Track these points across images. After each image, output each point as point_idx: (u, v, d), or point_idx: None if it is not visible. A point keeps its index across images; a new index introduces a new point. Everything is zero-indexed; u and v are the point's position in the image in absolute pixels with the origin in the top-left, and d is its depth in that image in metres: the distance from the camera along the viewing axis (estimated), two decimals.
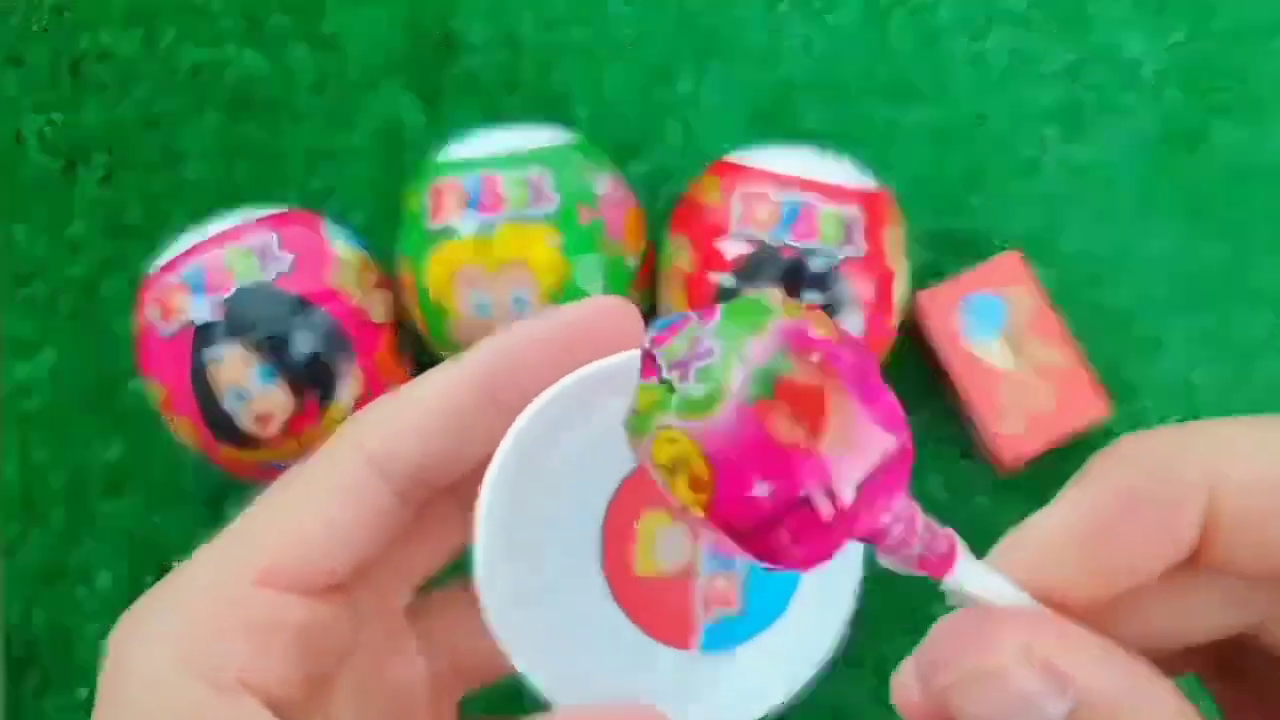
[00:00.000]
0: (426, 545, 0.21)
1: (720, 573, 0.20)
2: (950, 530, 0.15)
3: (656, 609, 0.19)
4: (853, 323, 0.34)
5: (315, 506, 0.17)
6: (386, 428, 0.18)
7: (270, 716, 0.16)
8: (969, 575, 0.15)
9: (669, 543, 0.20)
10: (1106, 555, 0.13)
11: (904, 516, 0.15)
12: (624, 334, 0.18)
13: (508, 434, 0.18)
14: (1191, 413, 0.40)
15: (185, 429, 0.35)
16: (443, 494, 0.19)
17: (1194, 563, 0.13)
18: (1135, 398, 0.40)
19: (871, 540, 0.15)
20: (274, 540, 0.17)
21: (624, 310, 0.19)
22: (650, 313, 0.38)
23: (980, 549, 0.15)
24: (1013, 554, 0.14)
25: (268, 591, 0.16)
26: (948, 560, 0.15)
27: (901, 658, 0.40)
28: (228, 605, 0.16)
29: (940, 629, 0.15)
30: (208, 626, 0.16)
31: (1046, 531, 0.14)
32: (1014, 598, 0.14)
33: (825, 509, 0.14)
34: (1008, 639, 0.14)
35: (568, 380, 0.18)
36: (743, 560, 0.17)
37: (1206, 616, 0.15)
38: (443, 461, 0.18)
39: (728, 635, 0.20)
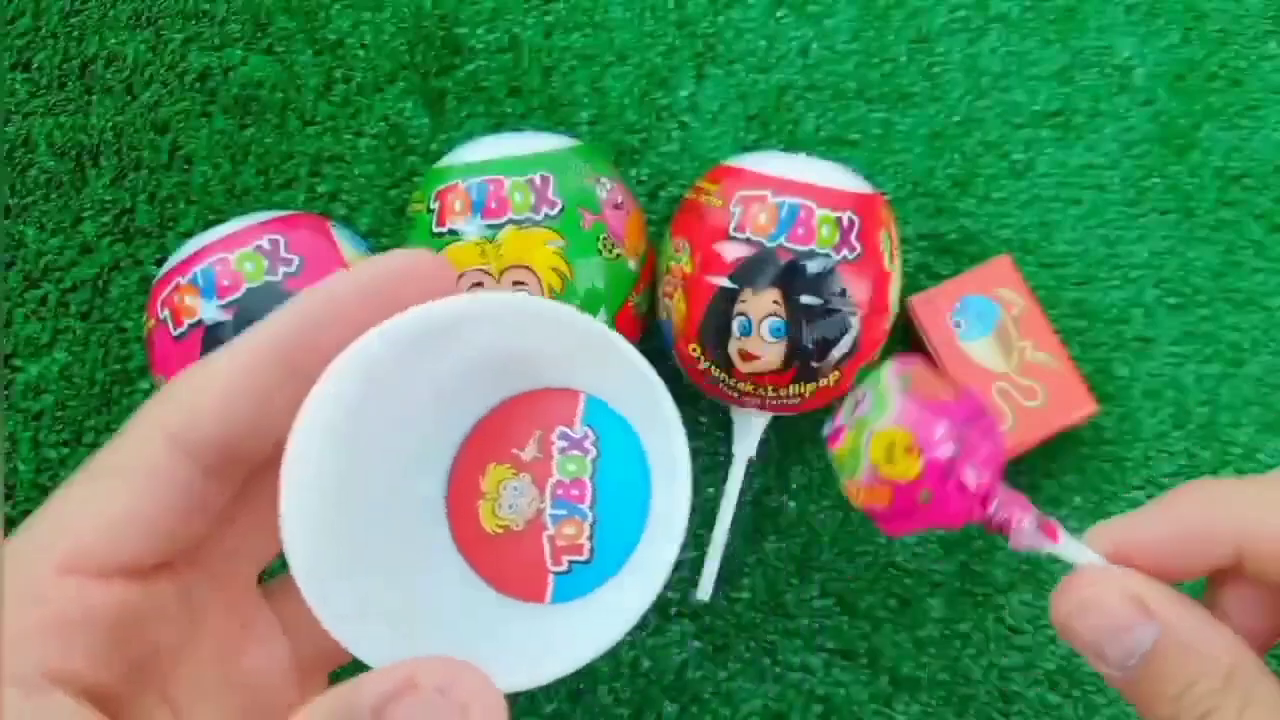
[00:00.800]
0: (262, 525, 0.19)
1: (568, 518, 0.19)
2: (1052, 518, 0.21)
3: (507, 564, 0.19)
4: (848, 323, 0.35)
5: (116, 488, 0.16)
6: (184, 402, 0.17)
7: (85, 710, 0.15)
8: (1068, 546, 0.20)
9: (515, 497, 0.19)
10: (1162, 561, 0.19)
11: (1011, 500, 0.21)
12: (426, 286, 0.17)
13: (306, 401, 0.16)
14: (1181, 412, 0.41)
15: None
16: (270, 469, 0.18)
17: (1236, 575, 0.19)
18: (1125, 397, 0.41)
19: (992, 522, 0.21)
20: (76, 526, 0.16)
21: (420, 262, 0.18)
22: (650, 313, 0.39)
23: (975, 544, 0.19)
24: (1103, 534, 0.20)
25: (70, 580, 0.16)
26: (1053, 533, 0.20)
27: (893, 652, 0.41)
28: (29, 601, 0.15)
29: (1066, 578, 0.20)
30: (9, 627, 0.15)
31: (1129, 528, 0.20)
32: (1099, 562, 0.20)
33: (971, 481, 0.21)
34: (1110, 581, 0.19)
35: (369, 338, 0.17)
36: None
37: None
38: (248, 434, 0.17)
39: (579, 585, 0.19)
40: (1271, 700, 0.17)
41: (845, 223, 0.34)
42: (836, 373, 0.36)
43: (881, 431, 0.21)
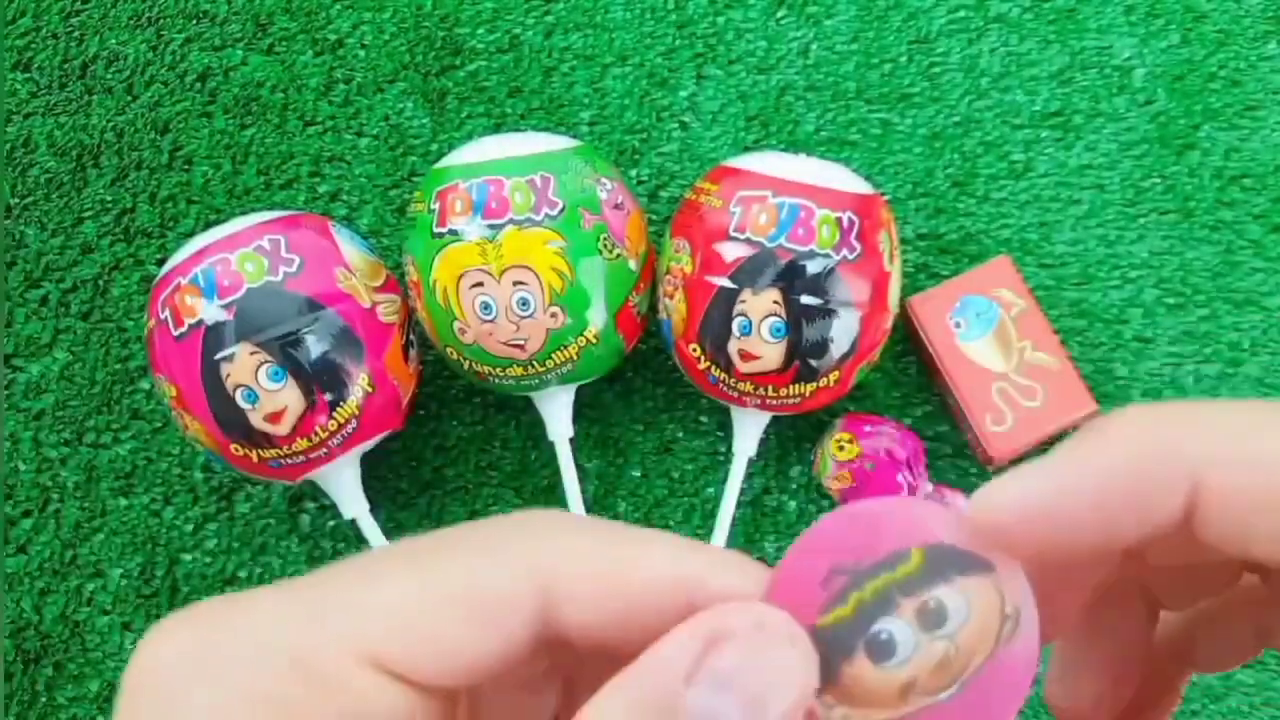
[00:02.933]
0: (538, 698, 0.18)
1: None
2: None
3: None
4: (848, 323, 0.35)
5: (458, 612, 0.14)
6: (566, 565, 0.15)
7: None
8: None
9: None
10: (1082, 528, 0.14)
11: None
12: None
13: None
14: None
15: (196, 428, 0.35)
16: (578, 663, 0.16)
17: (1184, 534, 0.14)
18: (1125, 397, 0.41)
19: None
20: (397, 621, 0.14)
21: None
22: (650, 313, 0.39)
23: None
24: (1003, 496, 0.14)
25: (370, 676, 0.14)
26: None
27: None
28: (314, 684, 0.14)
29: None
30: (298, 700, 0.14)
31: (1032, 492, 0.14)
32: None
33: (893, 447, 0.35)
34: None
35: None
36: None
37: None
38: (611, 634, 0.15)
39: None
40: None
41: (845, 223, 0.34)
42: (836, 373, 0.36)
43: (835, 438, 0.38)
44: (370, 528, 0.38)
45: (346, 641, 0.14)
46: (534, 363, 0.36)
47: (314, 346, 0.34)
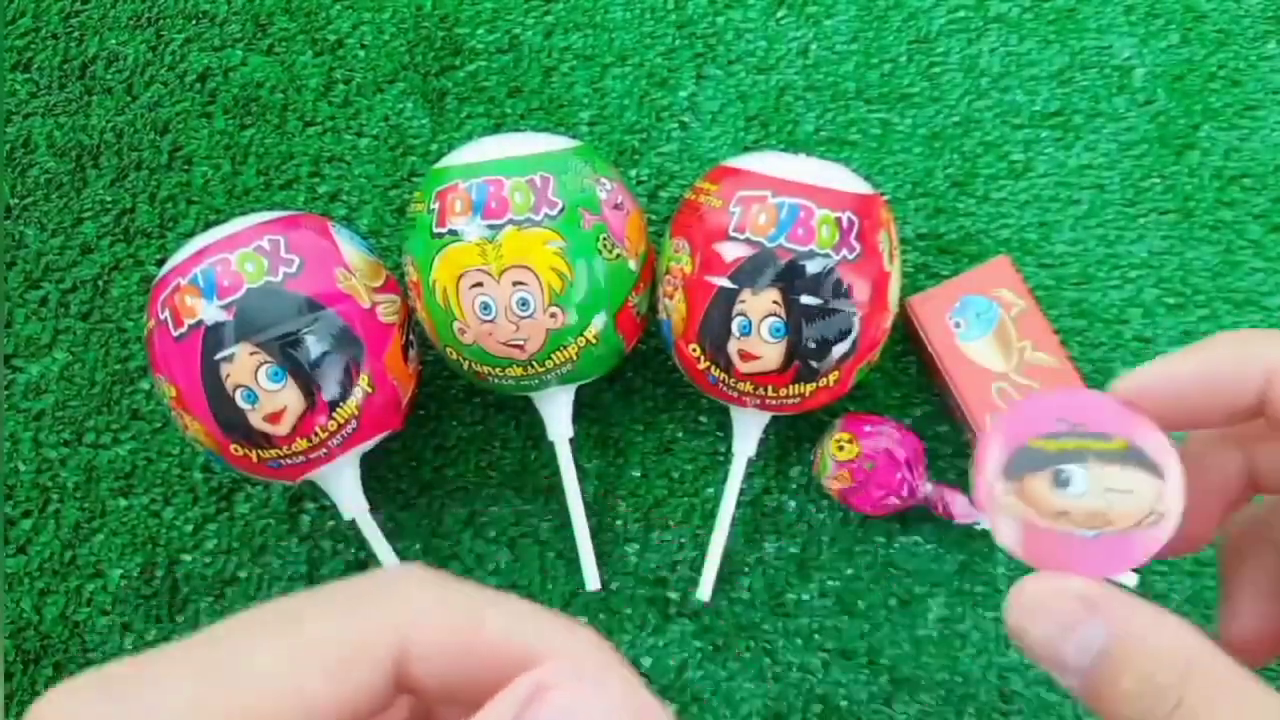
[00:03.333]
0: None
1: None
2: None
3: None
4: (848, 323, 0.35)
5: (319, 663, 0.15)
6: (433, 620, 0.16)
7: None
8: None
9: None
10: (1186, 400, 0.20)
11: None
12: None
13: None
14: None
15: (196, 428, 0.35)
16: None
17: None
18: None
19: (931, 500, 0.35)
20: (264, 686, 0.15)
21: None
22: (650, 313, 0.39)
23: (974, 544, 0.18)
24: (1133, 379, 0.20)
25: None
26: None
27: (893, 652, 0.41)
28: None
29: (1013, 587, 0.19)
30: None
31: (1159, 374, 0.20)
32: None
33: (893, 446, 0.37)
34: (1055, 583, 0.19)
35: None
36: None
37: None
38: (460, 684, 0.16)
39: None
40: (1237, 684, 0.17)
41: (845, 223, 0.34)
42: (836, 373, 0.36)
43: (835, 437, 0.39)
44: (370, 528, 0.38)
45: (229, 709, 0.15)
46: (534, 363, 0.36)
47: (314, 347, 0.34)
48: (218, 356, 0.34)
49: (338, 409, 0.35)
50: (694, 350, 0.36)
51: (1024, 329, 0.39)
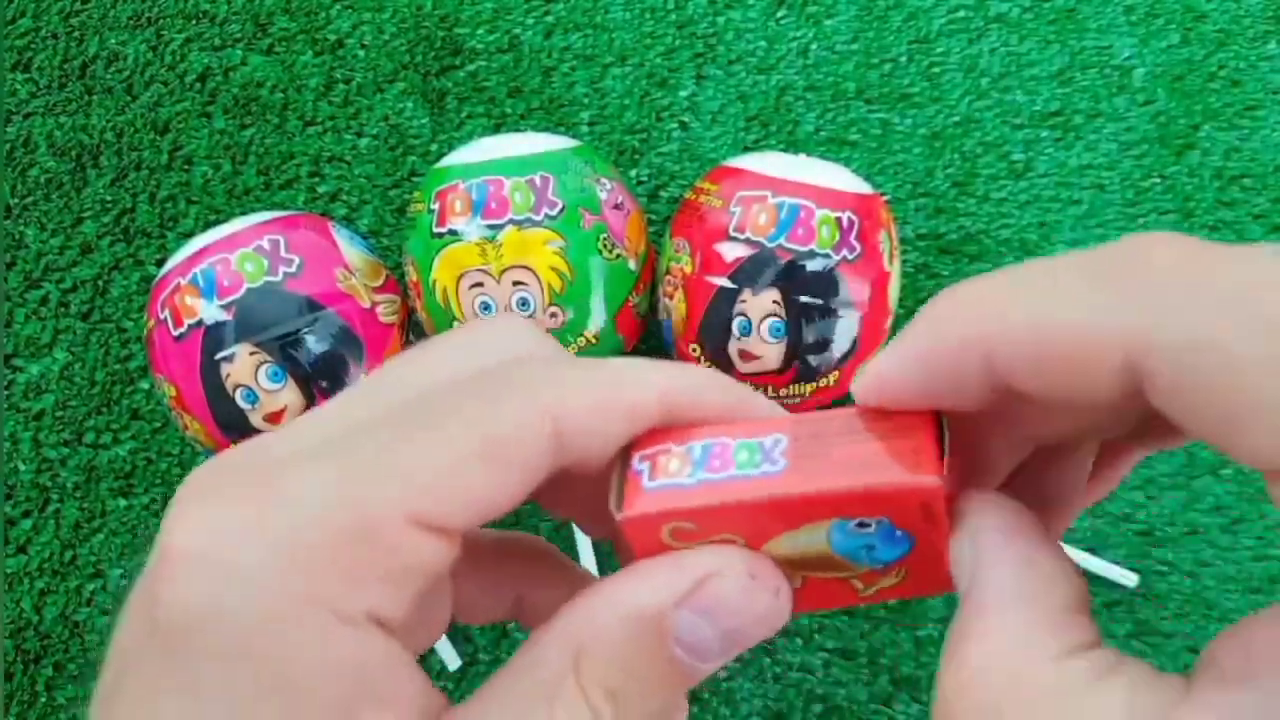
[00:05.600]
0: None
1: None
2: None
3: None
4: (848, 323, 0.35)
5: (481, 465, 0.15)
6: (585, 400, 0.16)
7: (398, 652, 0.15)
8: None
9: None
10: (925, 386, 0.16)
11: None
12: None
13: None
14: None
15: (196, 428, 0.35)
16: None
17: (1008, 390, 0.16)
18: None
19: None
20: (435, 484, 0.15)
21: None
22: (650, 313, 0.39)
23: None
24: (869, 378, 0.17)
25: (416, 534, 0.15)
26: None
27: (893, 651, 0.41)
28: (371, 545, 0.15)
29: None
30: (347, 566, 0.15)
31: (888, 365, 0.16)
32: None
33: None
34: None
35: None
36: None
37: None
38: (601, 452, 0.17)
39: None
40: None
41: (845, 223, 0.34)
42: (836, 373, 0.36)
43: None
44: None
45: (392, 505, 0.15)
46: None
47: (314, 347, 0.34)
48: (218, 356, 0.34)
49: None
50: (694, 350, 0.36)
51: None
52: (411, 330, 0.38)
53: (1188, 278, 0.13)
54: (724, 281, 0.35)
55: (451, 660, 0.40)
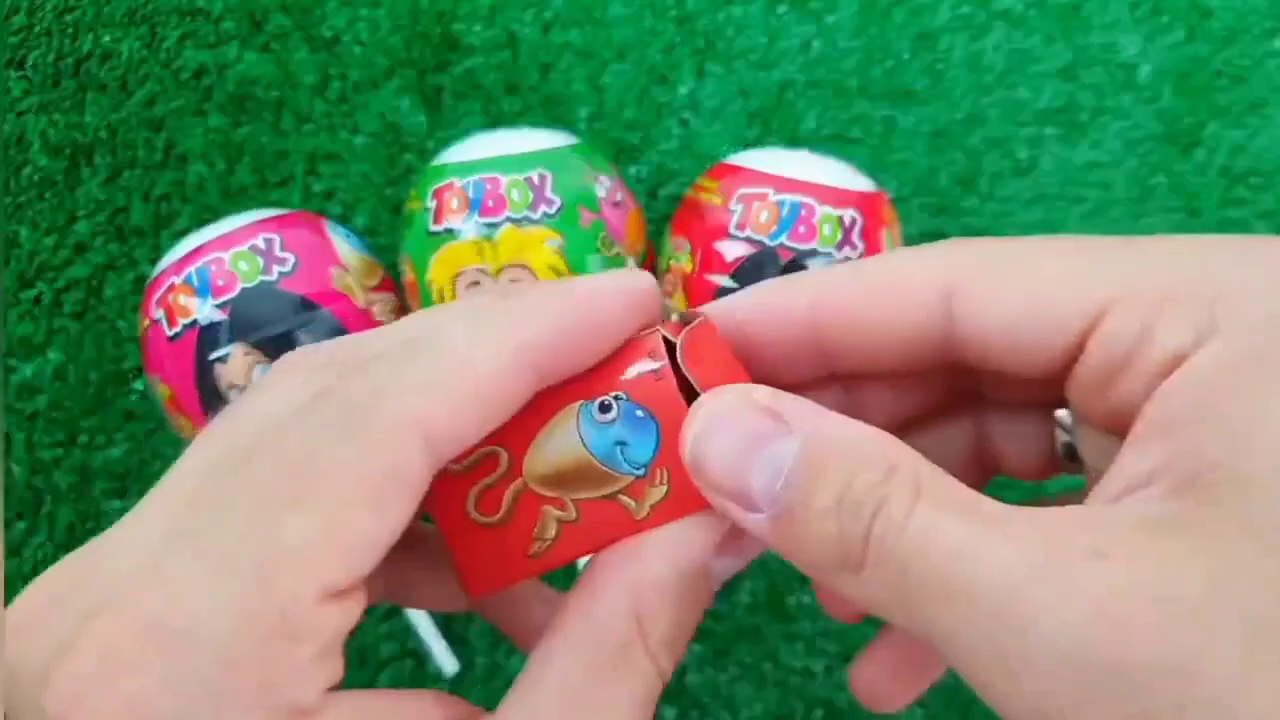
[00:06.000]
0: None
1: None
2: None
3: None
4: None
5: (369, 505, 0.15)
6: (444, 403, 0.15)
7: (359, 698, 0.15)
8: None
9: None
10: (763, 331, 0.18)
11: None
12: (652, 308, 0.18)
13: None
14: None
15: (190, 429, 0.35)
16: None
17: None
18: None
19: None
20: (328, 550, 0.14)
21: (650, 286, 0.18)
22: None
23: None
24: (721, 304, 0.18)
25: (331, 608, 0.15)
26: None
27: None
28: (298, 639, 0.14)
29: (691, 408, 0.17)
30: (285, 667, 0.14)
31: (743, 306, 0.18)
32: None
33: None
34: (734, 394, 0.16)
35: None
36: None
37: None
38: (480, 437, 0.16)
39: None
40: (948, 481, 0.14)
41: (847, 221, 0.34)
42: None
43: None
44: None
45: (297, 592, 0.14)
46: None
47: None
48: (212, 356, 0.34)
49: None
50: None
51: None
52: None
53: (995, 243, 0.16)
54: (725, 280, 0.34)
55: (449, 665, 0.39)
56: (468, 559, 0.18)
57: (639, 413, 0.17)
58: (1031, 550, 0.13)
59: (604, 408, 0.17)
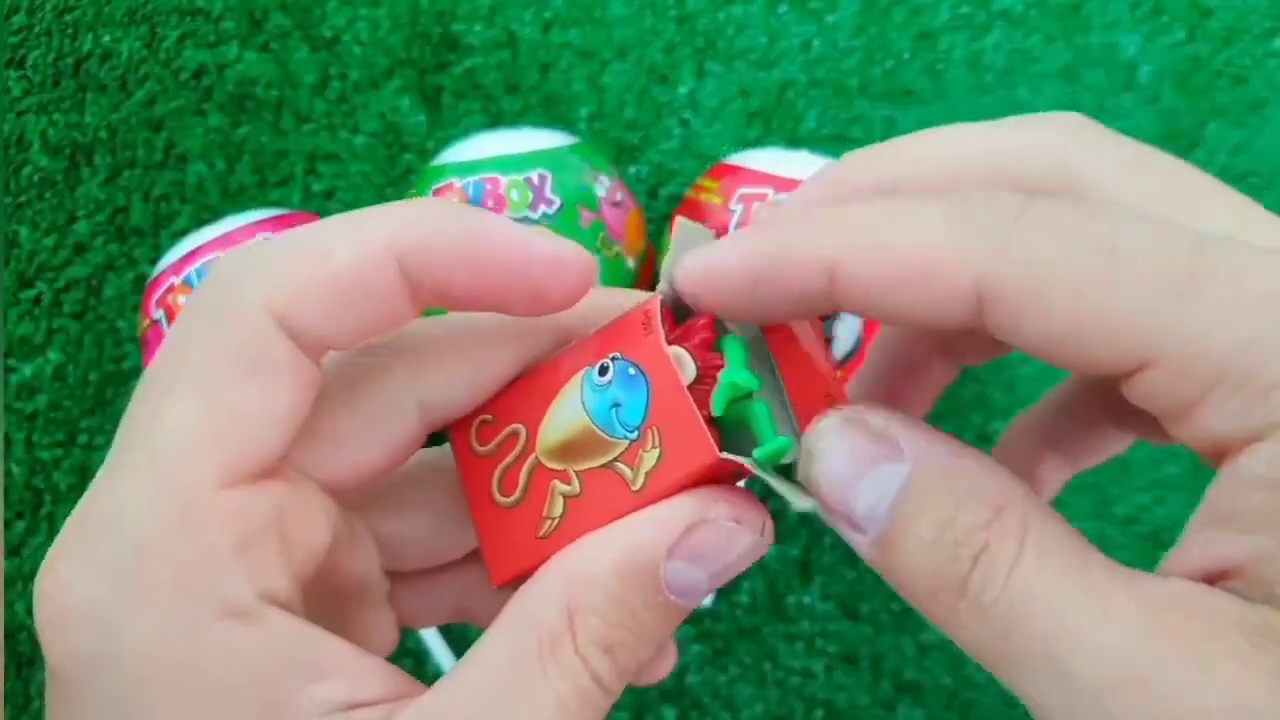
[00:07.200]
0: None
1: None
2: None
3: None
4: (849, 323, 0.34)
5: (239, 382, 0.15)
6: (294, 285, 0.15)
7: (301, 624, 0.15)
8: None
9: None
10: (756, 289, 0.16)
11: None
12: (563, 289, 0.17)
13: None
14: None
15: None
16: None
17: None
18: None
19: None
20: (223, 430, 0.15)
21: (573, 265, 0.17)
22: None
23: None
24: (692, 265, 0.17)
25: (235, 493, 0.14)
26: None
27: (896, 656, 0.40)
28: (209, 525, 0.14)
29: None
30: (196, 555, 0.14)
31: (722, 259, 0.16)
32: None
33: None
34: (846, 418, 0.15)
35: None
36: None
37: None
38: (346, 331, 0.16)
39: None
40: (1055, 529, 0.14)
41: None
42: (838, 372, 0.35)
43: None
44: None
45: (200, 469, 0.15)
46: None
47: None
48: None
49: None
50: None
51: None
52: None
53: (1034, 213, 0.14)
54: None
55: (448, 664, 0.39)
56: (493, 545, 0.17)
57: (630, 371, 0.16)
58: (1133, 642, 0.12)
59: (602, 370, 0.17)
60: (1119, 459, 0.40)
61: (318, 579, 0.17)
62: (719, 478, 0.16)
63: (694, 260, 0.16)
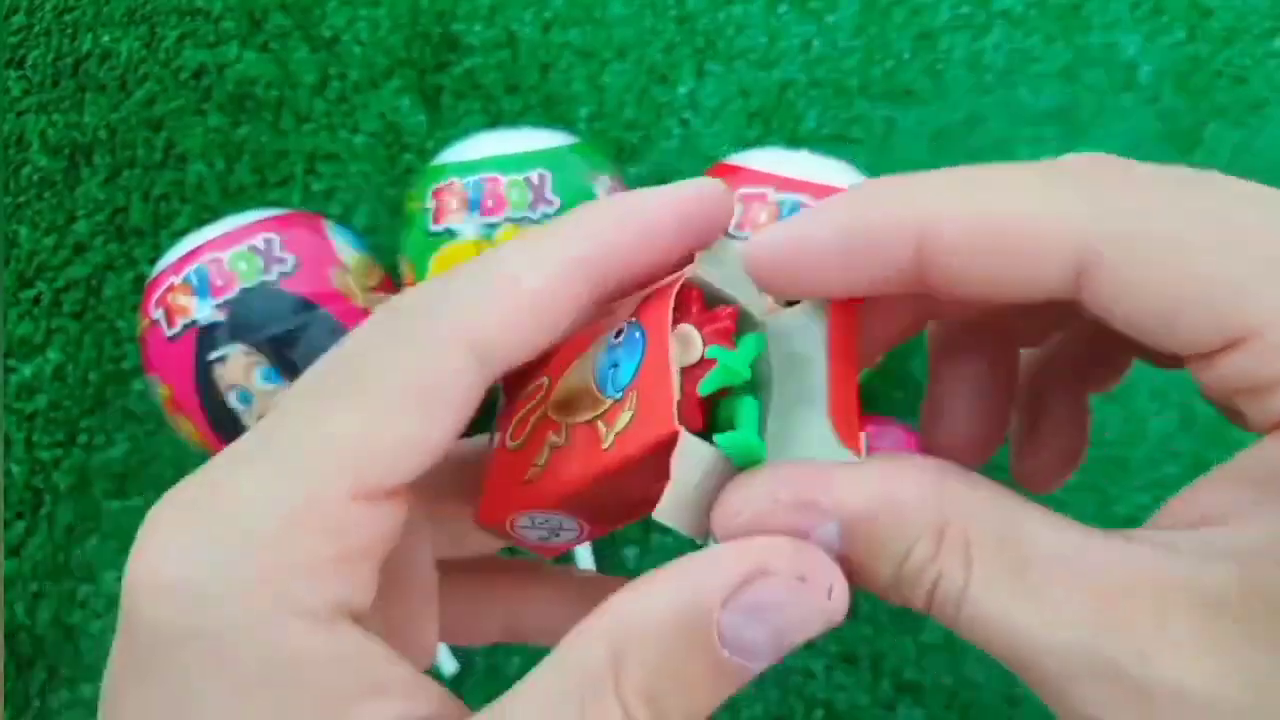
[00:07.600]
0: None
1: None
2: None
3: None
4: None
5: (409, 411, 0.15)
6: (492, 317, 0.15)
7: (370, 642, 0.15)
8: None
9: None
10: (840, 260, 0.15)
11: None
12: (719, 215, 0.17)
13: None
14: (1187, 412, 0.40)
15: (189, 429, 0.35)
16: None
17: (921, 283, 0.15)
18: (1130, 396, 0.41)
19: None
20: (367, 446, 0.15)
21: (719, 193, 0.17)
22: None
23: None
24: (764, 241, 0.16)
25: (362, 507, 0.15)
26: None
27: (896, 656, 0.40)
28: (329, 531, 0.14)
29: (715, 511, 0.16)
30: (301, 556, 0.14)
31: (798, 231, 0.16)
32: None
33: None
34: (757, 489, 0.15)
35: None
36: None
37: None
38: (533, 351, 0.16)
39: None
40: (991, 528, 0.14)
41: None
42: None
43: None
44: None
45: (328, 486, 0.15)
46: None
47: (308, 346, 0.34)
48: (211, 357, 0.34)
49: None
50: None
51: None
52: None
53: (1136, 179, 0.14)
54: None
55: (449, 665, 0.39)
56: (489, 487, 0.18)
57: (636, 335, 0.16)
58: (1078, 639, 0.13)
59: (618, 333, 0.17)
60: (1119, 459, 0.40)
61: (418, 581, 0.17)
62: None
63: (771, 234, 0.16)
